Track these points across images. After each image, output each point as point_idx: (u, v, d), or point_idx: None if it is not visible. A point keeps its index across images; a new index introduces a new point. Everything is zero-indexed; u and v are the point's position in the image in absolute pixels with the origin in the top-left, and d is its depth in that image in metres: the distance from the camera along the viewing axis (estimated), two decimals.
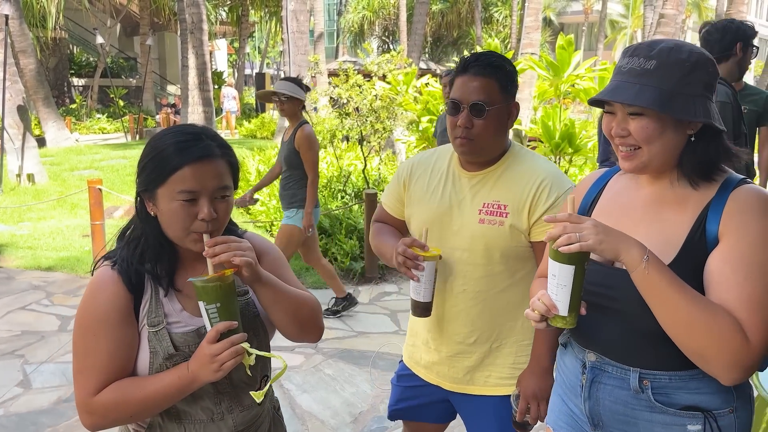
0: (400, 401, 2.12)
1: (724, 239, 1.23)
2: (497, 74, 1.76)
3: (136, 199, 1.36)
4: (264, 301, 1.39)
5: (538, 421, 1.79)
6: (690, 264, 1.24)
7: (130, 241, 1.37)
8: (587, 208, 1.50)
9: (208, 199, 1.30)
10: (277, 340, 1.54)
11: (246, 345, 1.28)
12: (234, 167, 1.37)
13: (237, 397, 1.42)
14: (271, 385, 1.52)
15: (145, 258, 1.35)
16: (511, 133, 1.95)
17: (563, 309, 1.27)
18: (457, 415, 2.13)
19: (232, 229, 1.46)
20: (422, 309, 1.81)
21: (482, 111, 1.74)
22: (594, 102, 1.36)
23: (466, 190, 1.86)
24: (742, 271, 1.19)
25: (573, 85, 8.52)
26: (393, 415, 2.15)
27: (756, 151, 4.08)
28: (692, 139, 1.29)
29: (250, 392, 1.35)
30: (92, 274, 1.38)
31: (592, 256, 1.42)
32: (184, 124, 1.41)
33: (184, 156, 1.28)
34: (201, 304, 1.27)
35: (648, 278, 1.19)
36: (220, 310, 1.26)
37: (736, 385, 1.30)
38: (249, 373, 1.35)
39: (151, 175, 1.30)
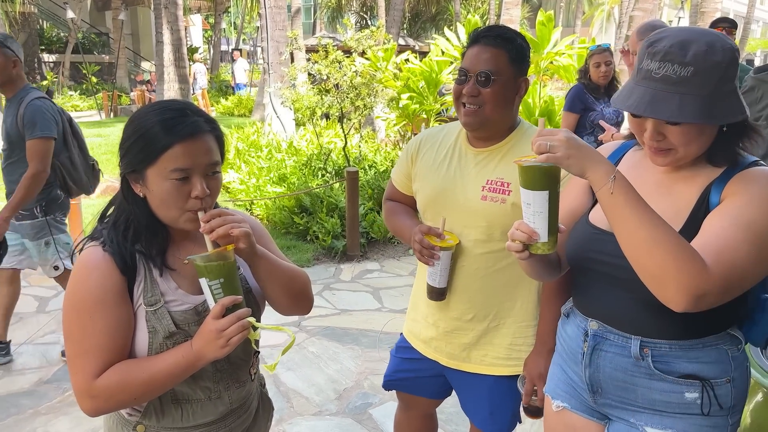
0: (396, 372, 2.13)
1: (722, 202, 1.24)
2: (507, 46, 1.75)
3: (122, 180, 1.32)
4: (259, 274, 1.38)
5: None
6: (695, 233, 1.25)
7: (118, 223, 1.33)
8: None
9: (200, 177, 1.27)
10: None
11: (252, 319, 1.26)
12: (221, 141, 1.34)
13: (234, 375, 1.42)
14: (258, 364, 1.53)
15: (137, 238, 1.31)
16: None
17: (543, 235, 1.29)
18: (450, 394, 2.14)
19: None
20: (437, 294, 1.86)
21: (488, 80, 1.73)
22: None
23: (471, 166, 1.86)
24: (727, 220, 1.19)
25: (552, 62, 8.51)
26: (388, 385, 2.17)
27: None
28: (724, 129, 1.28)
29: (264, 365, 1.35)
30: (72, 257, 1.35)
31: (597, 223, 1.43)
32: (166, 100, 1.37)
33: (174, 134, 1.24)
34: (203, 281, 1.25)
35: (612, 198, 1.18)
36: (224, 285, 1.25)
37: (733, 354, 1.33)
38: (256, 347, 1.35)
39: (139, 155, 1.26)
